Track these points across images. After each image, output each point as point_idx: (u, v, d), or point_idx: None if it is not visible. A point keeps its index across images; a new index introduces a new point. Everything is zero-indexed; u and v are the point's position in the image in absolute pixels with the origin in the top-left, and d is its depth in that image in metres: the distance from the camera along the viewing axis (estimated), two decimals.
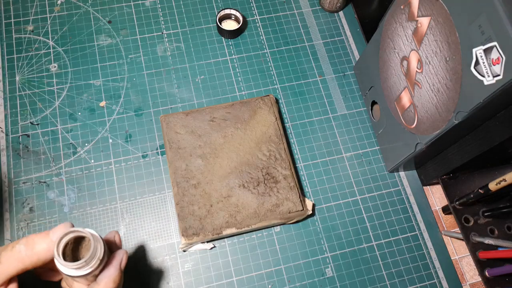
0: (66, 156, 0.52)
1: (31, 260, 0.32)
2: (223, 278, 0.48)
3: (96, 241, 0.32)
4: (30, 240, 0.32)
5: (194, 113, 0.52)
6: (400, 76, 0.47)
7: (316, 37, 0.62)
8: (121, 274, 0.35)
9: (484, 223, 0.50)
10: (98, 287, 0.33)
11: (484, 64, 0.34)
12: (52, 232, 0.33)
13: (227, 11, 0.60)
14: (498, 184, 0.42)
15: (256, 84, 0.58)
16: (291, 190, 0.48)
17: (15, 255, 0.32)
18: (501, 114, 0.38)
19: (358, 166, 0.55)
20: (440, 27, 0.38)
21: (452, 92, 0.38)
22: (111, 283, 0.33)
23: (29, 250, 0.32)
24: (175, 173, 0.48)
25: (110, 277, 0.34)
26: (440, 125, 0.41)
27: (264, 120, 0.52)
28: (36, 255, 0.32)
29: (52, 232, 0.33)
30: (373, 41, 0.51)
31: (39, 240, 0.32)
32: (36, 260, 0.32)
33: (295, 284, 0.48)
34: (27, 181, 0.50)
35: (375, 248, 0.51)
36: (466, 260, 0.53)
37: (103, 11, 0.61)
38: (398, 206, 0.53)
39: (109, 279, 0.33)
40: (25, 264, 0.32)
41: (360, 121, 0.58)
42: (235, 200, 0.47)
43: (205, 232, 0.46)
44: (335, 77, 0.60)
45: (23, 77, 0.55)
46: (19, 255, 0.32)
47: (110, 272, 0.34)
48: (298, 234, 0.51)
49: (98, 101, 0.55)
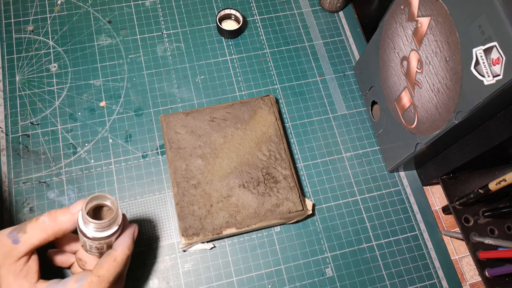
0: (66, 156, 0.52)
1: (54, 230, 0.36)
2: (223, 278, 0.48)
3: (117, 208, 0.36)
4: (52, 213, 0.36)
5: (194, 113, 0.52)
6: (400, 76, 0.47)
7: (316, 37, 0.62)
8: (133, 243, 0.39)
9: (484, 223, 0.50)
10: (116, 252, 0.37)
11: (484, 64, 0.34)
12: (72, 206, 0.37)
13: (227, 11, 0.60)
14: (498, 184, 0.42)
15: (256, 84, 0.58)
16: (291, 190, 0.48)
17: (39, 225, 0.35)
18: (501, 114, 0.38)
19: (358, 166, 0.55)
20: (440, 27, 0.38)
21: (452, 92, 0.38)
22: (126, 249, 0.37)
23: (51, 221, 0.36)
24: (175, 173, 0.48)
25: (125, 244, 0.38)
26: (440, 125, 0.41)
27: (264, 120, 0.52)
28: (58, 225, 0.36)
29: (72, 206, 0.37)
30: (373, 41, 0.51)
31: (61, 213, 0.36)
32: (57, 229, 0.36)
33: (295, 284, 0.48)
34: (27, 181, 0.50)
35: (375, 248, 0.51)
36: (466, 260, 0.53)
37: (103, 11, 0.61)
38: (398, 206, 0.53)
39: (124, 245, 0.37)
40: (48, 234, 0.35)
41: (360, 121, 0.58)
42: (235, 200, 0.47)
43: (205, 232, 0.46)
44: (335, 77, 0.60)
45: (23, 77, 0.55)
46: (43, 225, 0.35)
47: (125, 239, 0.38)
48: (298, 234, 0.51)
49: (98, 101, 0.55)
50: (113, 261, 0.36)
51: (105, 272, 0.36)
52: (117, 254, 0.37)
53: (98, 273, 0.36)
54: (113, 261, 0.36)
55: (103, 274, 0.36)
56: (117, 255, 0.37)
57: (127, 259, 0.38)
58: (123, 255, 0.37)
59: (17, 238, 0.35)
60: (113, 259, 0.36)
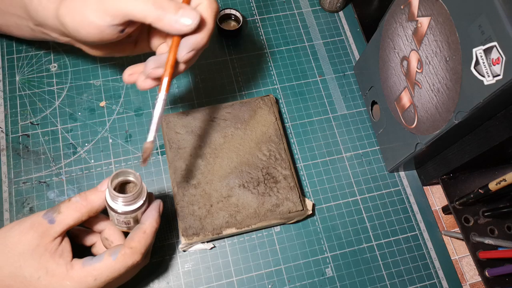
0: (66, 156, 0.52)
1: (87, 209, 0.38)
2: (223, 278, 0.48)
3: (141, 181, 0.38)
4: (83, 193, 0.39)
5: (194, 113, 0.52)
6: (400, 76, 0.47)
7: (316, 37, 0.62)
8: (160, 217, 0.40)
9: (484, 223, 0.50)
10: (144, 225, 0.39)
11: (484, 64, 0.34)
12: (99, 185, 0.39)
13: (227, 11, 0.60)
14: (498, 184, 0.42)
15: (256, 84, 0.58)
16: (291, 190, 0.48)
17: (73, 205, 0.38)
18: (501, 114, 0.38)
19: (358, 166, 0.55)
20: (440, 27, 0.38)
21: (452, 92, 0.38)
22: (154, 222, 0.40)
23: (83, 200, 0.38)
24: (175, 173, 0.48)
25: (153, 217, 0.40)
26: (440, 125, 0.41)
27: (264, 120, 0.52)
28: (90, 204, 0.38)
29: (100, 185, 0.39)
30: (373, 41, 0.51)
31: (90, 192, 0.39)
32: (90, 208, 0.38)
33: (295, 284, 0.48)
34: (27, 181, 0.50)
35: (375, 248, 0.51)
36: (466, 260, 0.53)
37: None
38: (398, 206, 0.53)
39: (152, 219, 0.40)
40: (81, 213, 0.38)
41: (360, 121, 0.58)
42: (235, 200, 0.47)
43: (205, 232, 0.46)
44: (335, 77, 0.60)
45: (23, 77, 0.55)
46: (76, 205, 0.38)
47: (152, 213, 0.40)
48: (298, 234, 0.51)
49: (98, 101, 0.55)
50: (143, 233, 0.39)
51: (137, 244, 0.38)
52: (146, 227, 0.39)
53: (130, 245, 0.38)
54: (143, 233, 0.39)
55: (135, 246, 0.38)
56: (146, 227, 0.39)
57: (155, 231, 0.40)
58: (152, 227, 0.39)
59: (52, 219, 0.37)
60: (143, 232, 0.39)
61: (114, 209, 0.38)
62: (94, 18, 0.35)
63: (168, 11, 0.34)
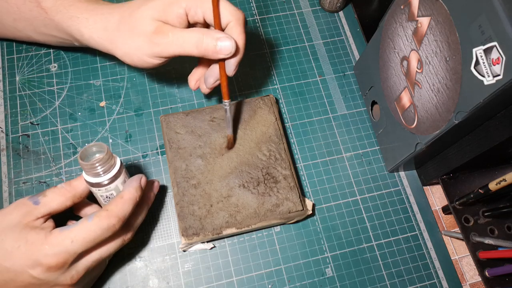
0: (66, 156, 0.52)
1: (70, 193, 0.40)
2: (223, 278, 0.48)
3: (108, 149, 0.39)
4: (67, 181, 0.41)
5: (194, 113, 0.52)
6: (400, 76, 0.47)
7: (316, 37, 0.62)
8: (141, 188, 0.42)
9: (484, 223, 0.50)
10: (122, 192, 0.41)
11: (484, 64, 0.34)
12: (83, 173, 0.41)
13: None
14: (498, 184, 0.42)
15: (256, 84, 0.58)
16: (291, 190, 0.48)
17: (57, 190, 0.40)
18: (501, 114, 0.38)
19: (358, 166, 0.55)
20: (440, 27, 0.38)
21: (452, 92, 0.38)
22: (132, 189, 0.41)
23: (67, 186, 0.40)
24: (175, 173, 0.48)
25: (132, 186, 0.41)
26: (440, 125, 0.41)
27: (264, 120, 0.52)
28: (74, 189, 0.40)
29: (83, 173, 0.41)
30: (373, 41, 0.51)
31: (75, 180, 0.41)
32: (74, 193, 0.40)
33: (295, 284, 0.48)
34: (27, 181, 0.50)
35: (375, 248, 0.51)
36: (466, 260, 0.53)
37: None
38: (398, 206, 0.53)
39: (130, 186, 0.41)
40: (66, 197, 0.40)
41: (360, 121, 0.58)
42: (235, 200, 0.47)
43: (205, 232, 0.46)
44: (335, 77, 0.60)
45: (23, 77, 0.55)
46: (60, 190, 0.40)
47: (131, 182, 0.42)
48: (298, 234, 0.51)
49: (98, 101, 0.55)
50: (120, 198, 0.40)
51: (113, 207, 0.39)
52: (123, 193, 0.41)
53: (106, 208, 0.39)
54: (120, 198, 0.40)
55: (111, 208, 0.39)
56: (124, 193, 0.40)
57: (135, 200, 0.41)
58: (129, 193, 0.41)
59: (37, 200, 0.39)
60: (120, 197, 0.40)
61: (90, 183, 0.40)
62: (148, 59, 0.43)
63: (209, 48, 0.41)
